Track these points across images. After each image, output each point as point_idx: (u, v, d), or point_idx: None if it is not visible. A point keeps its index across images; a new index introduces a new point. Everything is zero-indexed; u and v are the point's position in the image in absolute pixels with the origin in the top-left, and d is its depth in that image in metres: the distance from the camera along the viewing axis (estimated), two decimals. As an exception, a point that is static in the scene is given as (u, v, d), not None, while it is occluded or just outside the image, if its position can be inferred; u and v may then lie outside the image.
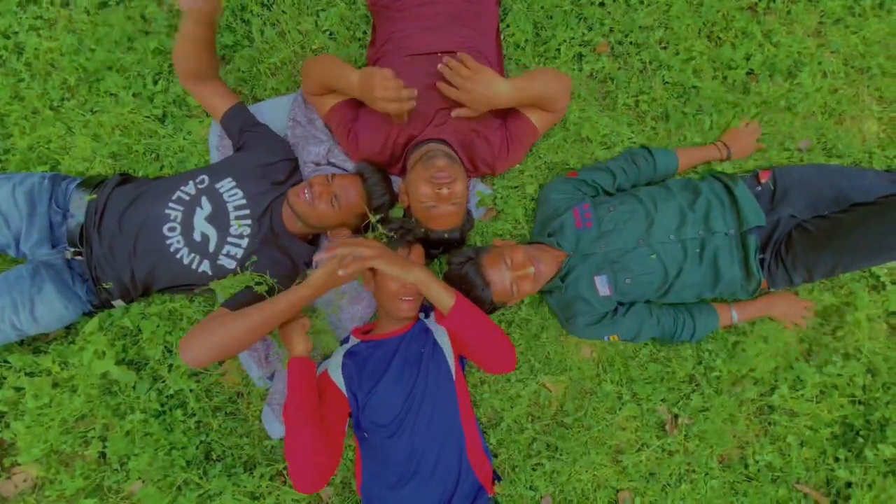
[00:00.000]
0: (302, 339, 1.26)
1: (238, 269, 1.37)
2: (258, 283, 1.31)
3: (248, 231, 1.38)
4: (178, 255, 1.35)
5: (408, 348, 1.39)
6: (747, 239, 1.34)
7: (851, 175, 1.41)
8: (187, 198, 1.37)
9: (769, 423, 1.49)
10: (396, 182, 1.54)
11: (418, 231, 1.38)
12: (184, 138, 1.61)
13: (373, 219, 1.35)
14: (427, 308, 1.51)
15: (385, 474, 1.33)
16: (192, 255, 1.36)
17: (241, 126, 1.45)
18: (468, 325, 1.22)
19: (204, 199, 1.37)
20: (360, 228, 1.45)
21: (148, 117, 1.60)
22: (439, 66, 1.29)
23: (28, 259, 1.42)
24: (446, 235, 1.35)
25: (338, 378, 1.34)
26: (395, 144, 1.41)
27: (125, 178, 1.49)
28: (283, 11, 1.62)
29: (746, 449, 1.49)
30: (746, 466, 1.47)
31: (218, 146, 1.60)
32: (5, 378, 1.50)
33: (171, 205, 1.36)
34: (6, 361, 1.51)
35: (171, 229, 1.36)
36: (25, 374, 1.50)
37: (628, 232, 1.35)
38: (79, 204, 1.39)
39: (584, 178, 1.46)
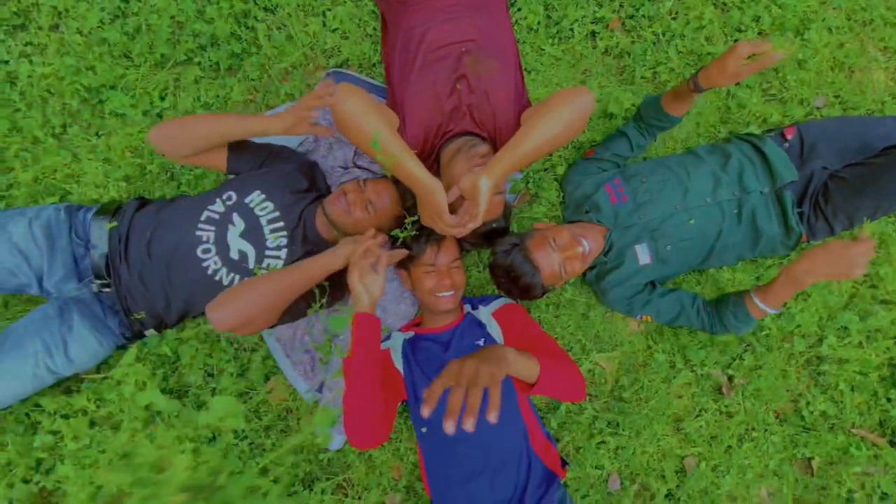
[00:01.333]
0: (368, 292, 1.18)
1: None
2: None
3: (284, 242, 1.34)
4: (216, 277, 1.30)
5: (461, 342, 1.37)
6: (783, 195, 1.36)
7: (871, 123, 1.45)
8: (217, 216, 1.32)
9: (819, 374, 1.51)
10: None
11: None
12: (198, 154, 1.55)
13: (408, 221, 1.33)
14: (474, 300, 1.49)
15: (453, 470, 1.31)
16: (232, 274, 1.31)
17: (250, 159, 1.40)
18: (552, 389, 1.13)
19: (235, 216, 1.33)
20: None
21: (159, 135, 1.53)
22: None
23: (53, 296, 1.34)
24: (494, 225, 1.33)
25: (398, 363, 1.32)
26: (433, 143, 1.38)
27: (143, 202, 1.42)
28: (288, 14, 1.57)
29: (800, 401, 1.51)
30: (802, 418, 1.50)
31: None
32: (39, 423, 1.42)
33: (201, 226, 1.31)
34: (37, 405, 1.43)
35: (206, 251, 1.31)
36: (61, 416, 1.42)
37: (664, 200, 1.36)
38: (100, 234, 1.32)
39: (600, 154, 1.46)
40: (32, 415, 1.44)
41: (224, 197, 1.35)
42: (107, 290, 1.31)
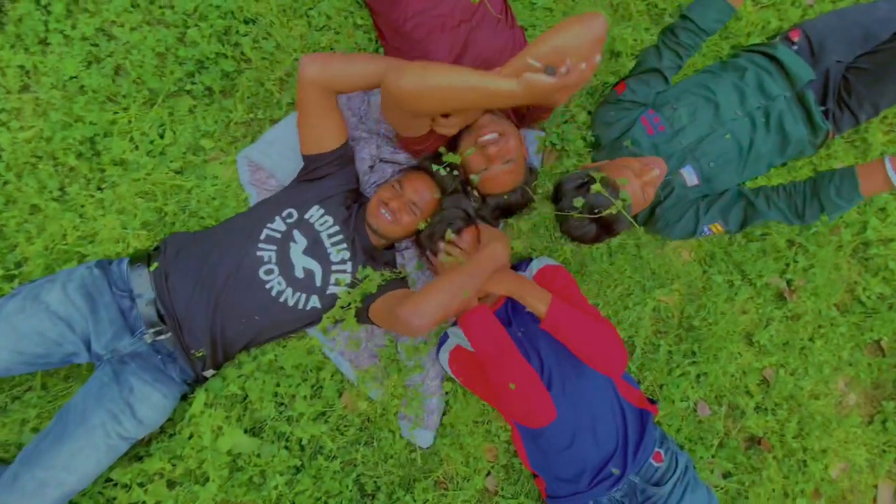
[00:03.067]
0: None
1: (348, 290, 1.30)
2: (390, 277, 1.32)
3: (347, 255, 1.30)
4: (281, 299, 1.25)
5: (520, 314, 1.35)
6: (805, 95, 1.38)
7: (866, 10, 1.48)
8: (279, 235, 1.27)
9: (867, 259, 1.56)
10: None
11: (470, 208, 1.34)
12: (212, 185, 1.48)
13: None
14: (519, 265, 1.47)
15: (551, 440, 1.30)
16: (298, 293, 1.26)
17: (337, 161, 1.35)
18: (567, 326, 1.17)
19: (297, 233, 1.28)
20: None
21: (167, 174, 1.46)
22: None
23: (103, 359, 1.26)
24: (506, 198, 1.29)
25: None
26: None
27: (181, 235, 1.35)
28: (270, 22, 1.51)
29: (856, 289, 1.55)
30: (862, 304, 1.54)
31: (250, 181, 1.49)
32: (115, 499, 1.35)
33: (261, 246, 1.25)
34: (109, 480, 1.35)
35: (269, 272, 1.25)
36: (137, 485, 1.35)
37: (699, 121, 1.37)
38: (142, 281, 1.25)
39: (635, 89, 1.45)
40: (105, 492, 1.36)
41: (284, 214, 1.29)
42: (162, 336, 1.25)
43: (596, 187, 1.16)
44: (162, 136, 1.47)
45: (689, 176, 1.37)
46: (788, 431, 1.49)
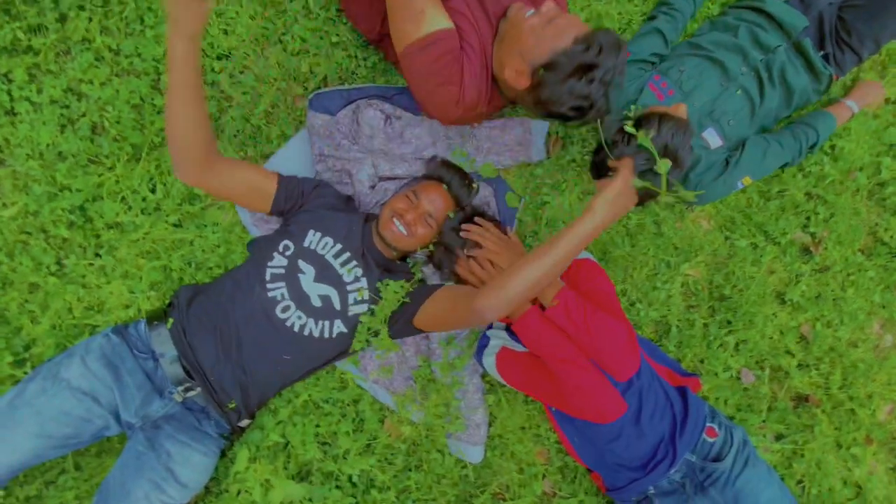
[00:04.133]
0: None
1: (371, 308, 1.27)
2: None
3: (360, 272, 1.26)
4: (305, 332, 1.21)
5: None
6: (802, 44, 1.35)
7: None
8: (283, 271, 1.22)
9: (885, 199, 1.54)
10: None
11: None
12: (214, 233, 1.42)
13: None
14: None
15: (599, 433, 1.28)
16: (321, 322, 1.22)
17: (294, 193, 1.29)
18: (570, 320, 1.15)
19: (301, 263, 1.23)
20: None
21: (166, 230, 1.40)
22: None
23: (135, 427, 1.21)
24: (591, 40, 1.04)
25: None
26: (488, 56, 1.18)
27: (192, 287, 1.30)
28: (244, 54, 1.44)
29: (878, 231, 1.54)
30: (885, 244, 1.53)
31: (252, 222, 1.43)
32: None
33: (269, 286, 1.21)
34: (163, 551, 1.31)
35: (285, 309, 1.21)
36: (192, 553, 1.31)
37: (709, 81, 1.33)
38: (162, 339, 1.20)
39: (638, 56, 1.41)
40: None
41: (281, 249, 1.25)
42: (192, 392, 1.20)
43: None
44: (153, 191, 1.40)
45: (712, 138, 1.34)
46: (833, 383, 1.48)
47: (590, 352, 1.17)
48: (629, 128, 1.10)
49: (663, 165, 1.05)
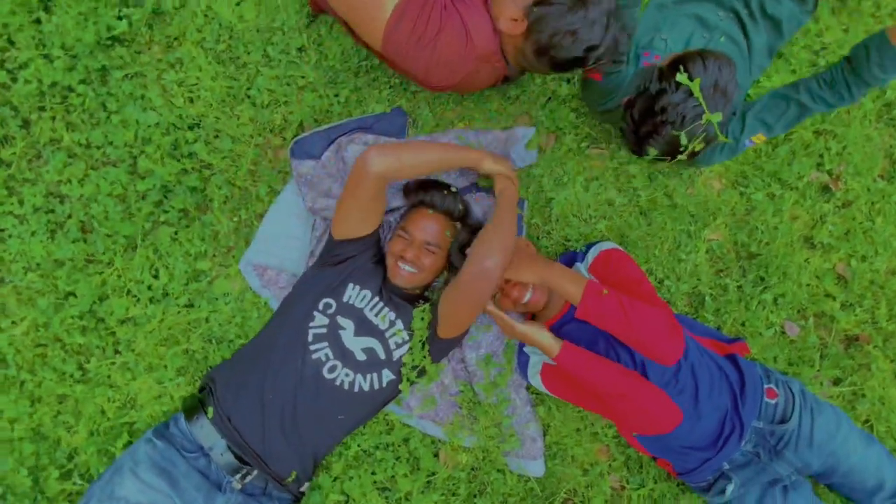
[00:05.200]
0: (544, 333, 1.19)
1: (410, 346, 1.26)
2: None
3: (393, 316, 1.24)
4: (356, 388, 1.19)
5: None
6: None
7: None
8: (325, 330, 1.20)
9: (894, 119, 1.48)
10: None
11: None
12: (226, 304, 1.39)
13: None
14: (569, 256, 1.39)
15: None
16: (369, 375, 1.20)
17: (367, 243, 1.29)
18: (605, 312, 1.12)
19: (341, 320, 1.21)
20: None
21: (178, 313, 1.37)
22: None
23: None
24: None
25: None
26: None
27: (222, 369, 1.28)
28: (215, 118, 1.40)
29: (894, 154, 1.48)
30: (905, 165, 1.47)
31: (262, 285, 1.40)
32: None
33: (313, 348, 1.19)
34: None
35: (332, 369, 1.19)
36: None
37: (691, 38, 1.27)
38: (206, 432, 1.18)
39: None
40: None
41: (321, 308, 1.22)
42: (249, 477, 1.18)
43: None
44: (157, 277, 1.37)
45: None
46: (880, 317, 1.44)
47: (632, 344, 1.14)
48: (681, 76, 1.00)
49: (715, 117, 1.00)
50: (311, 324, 1.21)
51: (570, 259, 1.39)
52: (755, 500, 1.23)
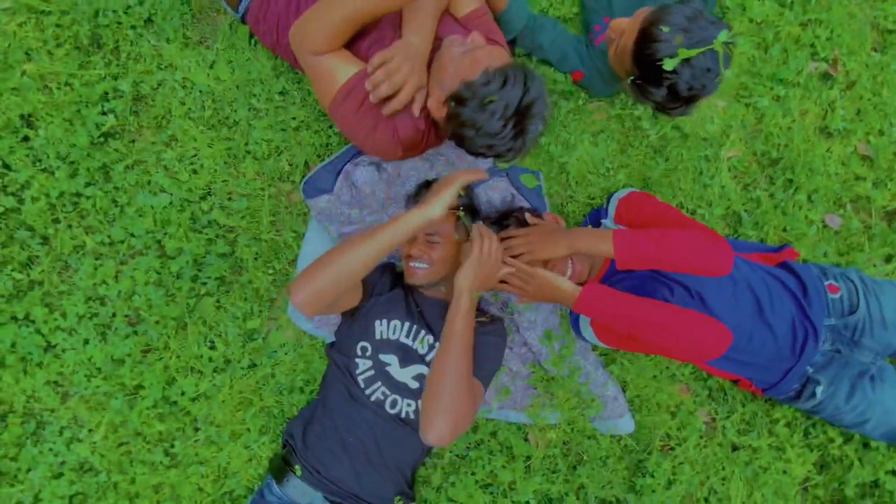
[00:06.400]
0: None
1: None
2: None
3: (431, 338, 1.24)
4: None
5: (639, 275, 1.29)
6: None
7: None
8: (372, 371, 1.21)
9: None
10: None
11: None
12: (286, 354, 1.41)
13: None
14: (596, 214, 1.40)
15: (731, 348, 1.24)
16: (417, 402, 1.22)
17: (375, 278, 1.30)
18: (644, 253, 1.09)
19: (383, 357, 1.22)
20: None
21: (243, 376, 1.39)
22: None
23: None
24: (508, 73, 0.98)
25: None
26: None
27: (298, 429, 1.30)
28: (223, 182, 1.41)
29: (880, 23, 1.48)
30: (891, 31, 1.47)
31: (316, 326, 1.41)
32: None
33: (368, 392, 1.21)
34: None
35: (394, 404, 1.21)
36: None
37: None
38: (301, 490, 1.20)
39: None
40: None
41: (359, 353, 1.23)
42: None
43: None
44: (213, 348, 1.39)
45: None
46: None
47: (681, 268, 1.11)
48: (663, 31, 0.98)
49: (722, 35, 0.95)
50: (357, 371, 1.22)
51: (595, 217, 1.40)
52: (845, 396, 1.24)
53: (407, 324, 1.25)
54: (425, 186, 1.34)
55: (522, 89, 0.97)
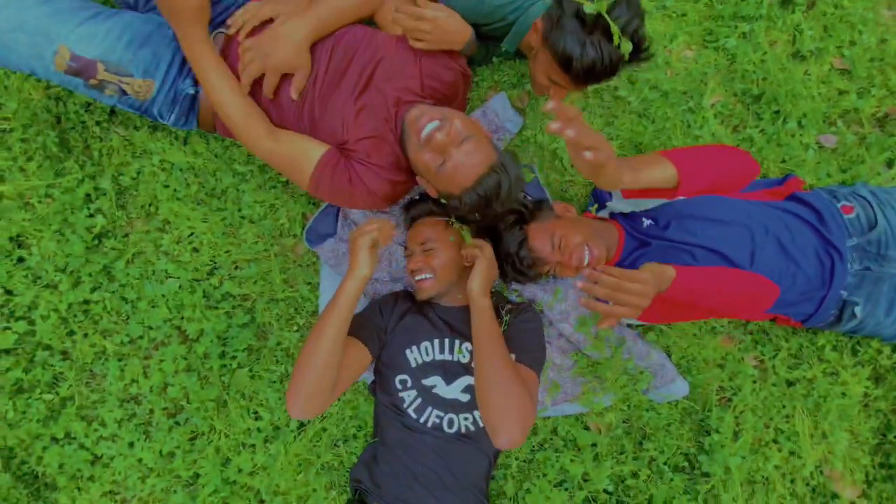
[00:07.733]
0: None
1: None
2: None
3: (468, 345, 1.24)
4: (480, 425, 1.22)
5: (651, 232, 1.29)
6: None
7: None
8: (420, 400, 1.21)
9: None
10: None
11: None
12: (333, 406, 1.40)
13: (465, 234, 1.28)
14: (600, 197, 1.39)
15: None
16: (471, 415, 1.22)
17: (380, 329, 1.26)
18: (696, 167, 1.08)
19: (426, 382, 1.21)
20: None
21: (297, 439, 1.37)
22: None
23: None
24: (480, 192, 1.06)
25: None
26: (398, 155, 1.17)
27: (360, 470, 1.29)
28: (226, 253, 1.40)
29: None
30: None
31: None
32: None
33: (423, 419, 1.20)
34: None
35: (451, 423, 1.20)
36: None
37: None
38: None
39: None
40: None
41: (399, 386, 1.22)
42: None
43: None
44: (258, 418, 1.38)
45: None
46: (894, 85, 1.44)
47: (723, 183, 1.14)
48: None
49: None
50: (405, 405, 1.21)
51: (598, 196, 1.39)
52: (885, 310, 1.25)
53: (437, 340, 1.24)
54: (417, 201, 1.34)
55: (496, 190, 1.07)
